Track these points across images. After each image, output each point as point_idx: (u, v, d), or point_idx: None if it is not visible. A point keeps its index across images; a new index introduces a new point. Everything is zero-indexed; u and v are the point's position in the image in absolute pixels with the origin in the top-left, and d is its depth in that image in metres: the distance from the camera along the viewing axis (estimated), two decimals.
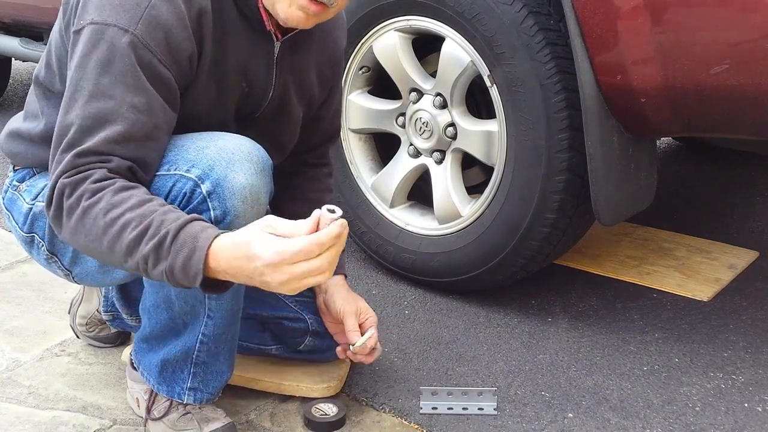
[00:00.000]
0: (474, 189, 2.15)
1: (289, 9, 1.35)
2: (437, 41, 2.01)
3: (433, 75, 2.05)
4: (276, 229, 1.19)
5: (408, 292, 2.19)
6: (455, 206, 2.07)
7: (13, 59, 4.02)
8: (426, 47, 2.12)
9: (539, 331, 2.00)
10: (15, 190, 1.55)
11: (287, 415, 1.67)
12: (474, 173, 2.22)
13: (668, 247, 2.42)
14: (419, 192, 2.24)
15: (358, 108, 2.22)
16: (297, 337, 1.71)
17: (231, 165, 1.33)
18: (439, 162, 2.11)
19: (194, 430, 1.53)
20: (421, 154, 2.14)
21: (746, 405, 1.71)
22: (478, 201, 2.02)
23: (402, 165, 2.18)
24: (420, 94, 2.09)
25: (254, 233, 1.19)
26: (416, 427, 1.64)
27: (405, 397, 1.73)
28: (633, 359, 1.87)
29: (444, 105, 2.04)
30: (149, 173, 1.33)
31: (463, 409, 1.67)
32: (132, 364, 1.62)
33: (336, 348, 1.70)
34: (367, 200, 2.25)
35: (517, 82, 1.83)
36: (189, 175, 1.33)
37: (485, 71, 1.90)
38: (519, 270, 2.01)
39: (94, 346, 1.91)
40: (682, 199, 2.85)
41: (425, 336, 1.97)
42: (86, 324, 1.88)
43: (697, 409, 1.69)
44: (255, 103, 1.51)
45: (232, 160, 1.34)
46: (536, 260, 1.99)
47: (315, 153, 1.74)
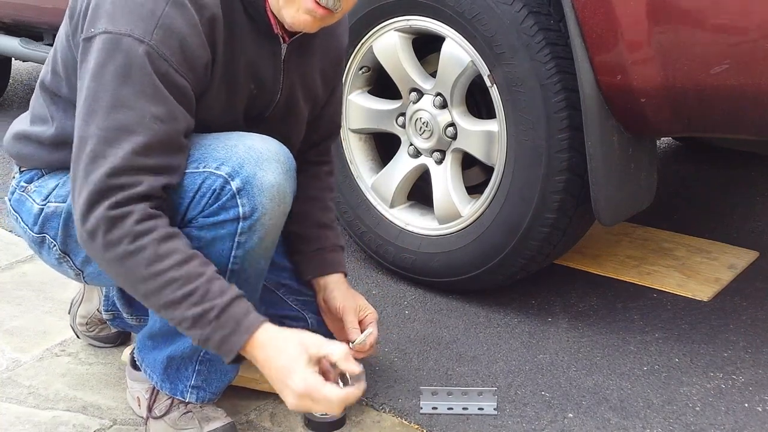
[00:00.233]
0: (474, 189, 2.15)
1: (296, 13, 1.36)
2: (437, 41, 2.01)
3: (433, 75, 2.05)
4: (321, 350, 1.30)
5: (408, 292, 2.19)
6: (455, 206, 2.07)
7: (13, 59, 4.02)
8: (426, 47, 2.12)
9: (539, 331, 2.00)
10: (23, 192, 1.55)
11: (287, 415, 1.67)
12: (474, 173, 2.22)
13: (668, 247, 2.42)
14: (419, 192, 2.23)
15: (358, 108, 2.22)
16: None
17: (260, 164, 1.36)
18: (439, 162, 2.11)
19: (195, 429, 1.53)
20: (421, 154, 2.14)
21: (746, 405, 1.71)
22: (478, 201, 2.02)
23: (402, 165, 2.18)
24: (420, 94, 2.09)
25: (301, 357, 1.28)
26: (416, 427, 1.64)
27: (405, 397, 1.73)
28: (633, 359, 1.87)
29: (444, 105, 2.04)
30: (179, 178, 1.35)
31: (463, 409, 1.67)
32: (132, 363, 1.63)
33: None
34: (367, 200, 2.25)
35: (517, 82, 1.83)
36: (219, 172, 1.35)
37: (485, 71, 1.90)
38: (519, 270, 2.01)
39: (94, 346, 1.91)
40: (682, 199, 2.85)
41: (425, 336, 1.97)
42: (86, 324, 1.88)
43: (697, 409, 1.69)
44: (263, 105, 1.52)
45: (261, 159, 1.37)
46: (536, 260, 1.99)
47: (316, 150, 1.74)
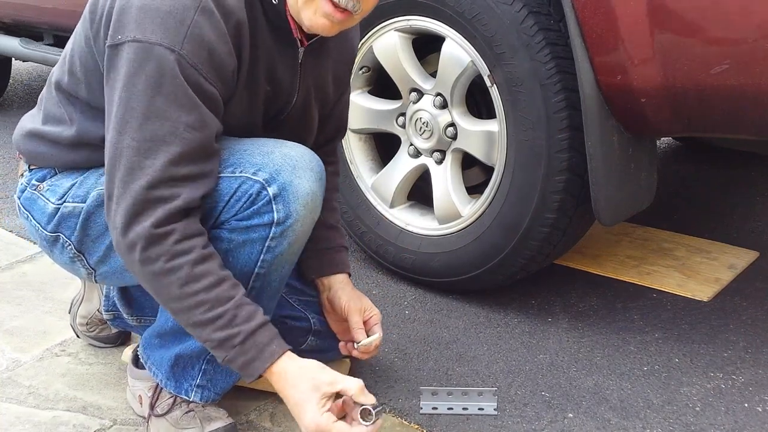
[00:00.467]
0: (474, 189, 2.15)
1: (314, 17, 1.37)
2: (437, 41, 2.01)
3: (433, 75, 2.05)
4: (335, 387, 1.36)
5: (408, 292, 2.19)
6: (455, 206, 2.07)
7: (13, 59, 4.02)
8: (426, 47, 2.12)
9: (539, 331, 2.00)
10: (35, 190, 1.55)
11: (287, 415, 1.67)
12: (474, 173, 2.22)
13: (668, 247, 2.42)
14: (419, 192, 2.23)
15: (359, 108, 2.22)
16: (300, 337, 1.71)
17: (296, 171, 1.40)
18: (439, 162, 2.11)
19: (196, 429, 1.53)
20: (421, 154, 2.14)
21: (746, 405, 1.71)
22: (478, 201, 2.02)
23: (402, 165, 2.18)
24: (420, 94, 2.09)
25: (312, 395, 1.34)
26: (416, 427, 1.64)
27: (405, 397, 1.73)
28: (633, 359, 1.87)
29: (444, 105, 2.04)
30: (214, 182, 1.37)
31: (463, 409, 1.67)
32: (135, 361, 1.63)
33: (338, 347, 1.70)
34: (367, 200, 2.25)
35: (517, 82, 1.83)
36: (256, 178, 1.38)
37: (485, 71, 1.90)
38: (519, 270, 2.01)
39: (95, 346, 1.91)
40: (682, 199, 2.85)
41: (425, 336, 1.97)
42: (87, 324, 1.88)
43: (697, 409, 1.69)
44: (279, 107, 1.53)
45: (297, 167, 1.40)
46: (536, 260, 1.99)
47: (322, 151, 1.74)
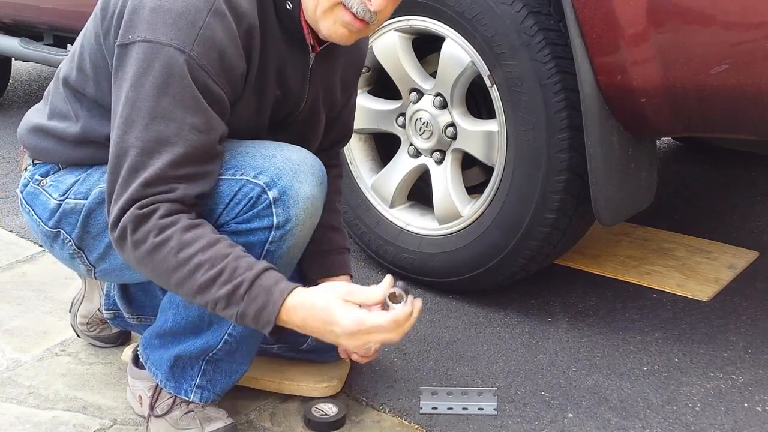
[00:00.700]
0: (474, 189, 2.15)
1: (333, 26, 1.37)
2: (437, 41, 2.01)
3: (433, 75, 2.05)
4: (354, 297, 1.28)
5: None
6: (455, 206, 2.07)
7: (13, 59, 4.02)
8: (426, 47, 2.12)
9: (539, 331, 2.00)
10: (37, 185, 1.55)
11: (287, 415, 1.67)
12: (474, 173, 2.22)
13: (668, 247, 2.42)
14: (419, 192, 2.23)
15: (359, 108, 2.20)
16: (299, 337, 1.70)
17: (297, 175, 1.39)
18: (439, 162, 2.11)
19: (196, 429, 1.53)
20: (421, 154, 2.14)
21: (746, 405, 1.71)
22: (478, 201, 2.02)
23: (402, 165, 2.18)
24: (420, 94, 2.09)
25: (333, 300, 1.27)
26: (416, 427, 1.64)
27: (405, 397, 1.73)
28: (633, 359, 1.87)
29: (444, 105, 2.04)
30: (213, 183, 1.36)
31: (463, 409, 1.67)
32: (135, 361, 1.62)
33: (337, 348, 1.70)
34: (367, 200, 2.25)
35: (517, 82, 1.83)
36: (256, 181, 1.37)
37: (485, 71, 1.90)
38: (519, 270, 2.01)
39: (95, 346, 1.91)
40: (682, 199, 2.85)
41: (425, 336, 1.97)
42: (87, 323, 1.88)
43: (697, 409, 1.69)
44: (288, 111, 1.53)
45: (298, 171, 1.39)
46: (536, 260, 1.99)
47: (327, 154, 1.74)
